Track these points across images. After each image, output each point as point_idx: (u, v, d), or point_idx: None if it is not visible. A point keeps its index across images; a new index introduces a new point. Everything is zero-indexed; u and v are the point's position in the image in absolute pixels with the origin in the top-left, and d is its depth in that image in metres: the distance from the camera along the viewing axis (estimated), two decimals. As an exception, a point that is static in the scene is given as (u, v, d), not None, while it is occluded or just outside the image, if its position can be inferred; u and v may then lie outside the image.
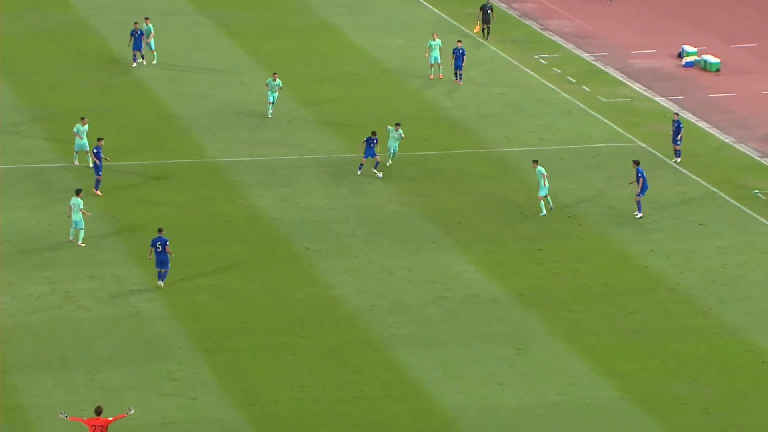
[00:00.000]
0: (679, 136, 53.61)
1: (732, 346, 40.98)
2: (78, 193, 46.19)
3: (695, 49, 65.77)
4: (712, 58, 64.90)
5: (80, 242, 45.77)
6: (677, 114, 54.72)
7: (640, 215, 48.47)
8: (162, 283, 43.14)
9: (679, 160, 53.59)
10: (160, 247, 42.93)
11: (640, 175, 48.70)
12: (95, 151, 50.02)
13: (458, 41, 61.96)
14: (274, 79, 56.85)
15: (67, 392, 37.61)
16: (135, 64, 62.20)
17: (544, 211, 48.29)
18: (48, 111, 58.18)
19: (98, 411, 33.45)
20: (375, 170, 51.07)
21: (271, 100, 56.86)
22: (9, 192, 50.25)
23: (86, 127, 52.03)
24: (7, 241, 46.77)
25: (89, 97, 59.77)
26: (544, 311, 42.74)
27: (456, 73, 61.34)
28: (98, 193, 49.60)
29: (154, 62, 62.37)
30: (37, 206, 49.62)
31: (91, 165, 51.01)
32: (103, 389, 37.82)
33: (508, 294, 43.82)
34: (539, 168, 48.82)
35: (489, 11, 66.58)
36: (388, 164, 51.16)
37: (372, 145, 51.56)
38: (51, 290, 43.41)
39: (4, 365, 38.78)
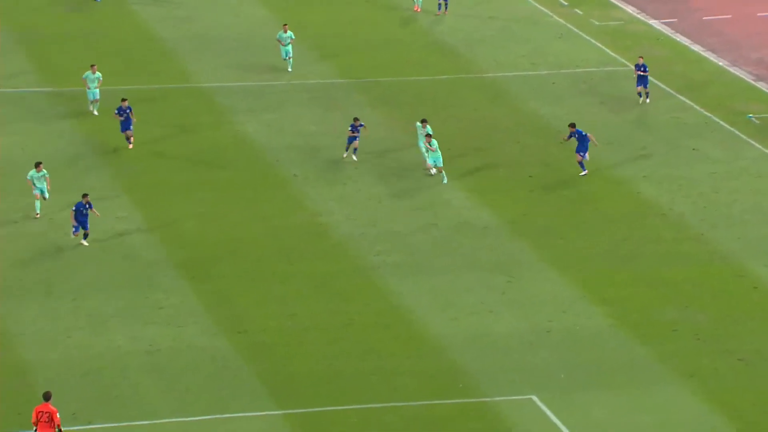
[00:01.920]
0: (646, 76, 50.83)
1: (724, 271, 40.71)
2: (37, 166, 42.56)
3: (689, -29, 64.89)
4: (706, -20, 64.03)
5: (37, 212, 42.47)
6: (642, 57, 52.70)
7: (584, 173, 45.85)
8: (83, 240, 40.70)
9: (648, 100, 51.43)
10: (84, 211, 40.40)
11: (575, 135, 45.60)
12: (117, 111, 46.72)
13: None
14: (285, 31, 53.72)
15: (53, 320, 37.29)
16: None
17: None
18: (30, 34, 57.38)
19: (47, 396, 30.57)
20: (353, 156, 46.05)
21: (285, 56, 53.67)
22: (-8, 118, 49.68)
23: (97, 74, 49.25)
24: (-9, 169, 46.31)
25: (71, 20, 58.94)
26: (535, 239, 42.39)
27: (440, 4, 60.35)
28: (130, 146, 47.04)
29: None
30: (21, 131, 49.04)
31: (96, 112, 49.07)
32: (88, 316, 37.50)
33: (498, 221, 43.44)
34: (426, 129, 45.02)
35: None
36: (432, 172, 45.47)
37: (355, 130, 46.11)
38: (35, 216, 42.96)
39: (-12, 294, 38.51)
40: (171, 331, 36.93)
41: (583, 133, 45.41)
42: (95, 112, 49.37)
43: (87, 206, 40.56)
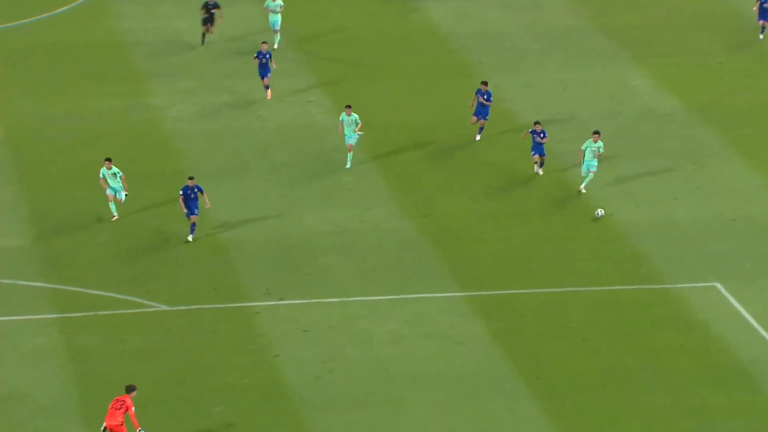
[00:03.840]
0: None
1: None
2: (106, 162, 37.23)
3: None
4: None
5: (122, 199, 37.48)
6: None
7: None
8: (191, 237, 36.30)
9: (761, 36, 47.24)
10: (192, 194, 36.10)
11: (486, 95, 40.32)
12: (257, 55, 42.93)
13: None
14: None
15: (246, 201, 38.53)
16: None
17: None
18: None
19: (129, 389, 28.94)
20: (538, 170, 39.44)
21: None
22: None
23: (278, 2, 46.93)
24: (190, 48, 47.49)
25: None
26: (722, 127, 41.87)
27: None
28: (268, 96, 43.35)
29: None
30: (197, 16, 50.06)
31: (276, 45, 45.58)
32: (280, 197, 38.58)
33: (685, 109, 43.00)
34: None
35: None
36: (582, 189, 38.48)
37: (538, 138, 39.12)
38: (231, 100, 44.15)
39: (185, 173, 39.82)
40: (358, 213, 37.88)
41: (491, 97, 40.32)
42: (275, 45, 46.70)
43: (195, 189, 36.08)
